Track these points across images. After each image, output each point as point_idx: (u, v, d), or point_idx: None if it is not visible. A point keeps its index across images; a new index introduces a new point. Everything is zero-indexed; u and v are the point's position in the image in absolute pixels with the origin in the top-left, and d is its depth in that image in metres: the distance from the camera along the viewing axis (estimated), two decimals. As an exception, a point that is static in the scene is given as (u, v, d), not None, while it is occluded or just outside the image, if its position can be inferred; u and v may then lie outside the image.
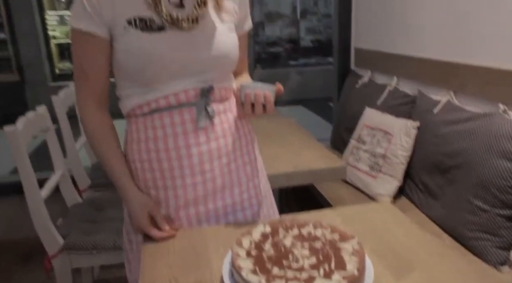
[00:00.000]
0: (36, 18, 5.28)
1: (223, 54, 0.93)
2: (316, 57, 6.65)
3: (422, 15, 1.88)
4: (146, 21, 0.87)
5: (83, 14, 0.87)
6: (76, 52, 0.91)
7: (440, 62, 1.78)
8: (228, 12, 0.97)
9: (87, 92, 0.93)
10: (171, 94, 0.90)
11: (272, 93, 0.90)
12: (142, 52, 0.86)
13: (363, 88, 2.33)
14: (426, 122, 1.76)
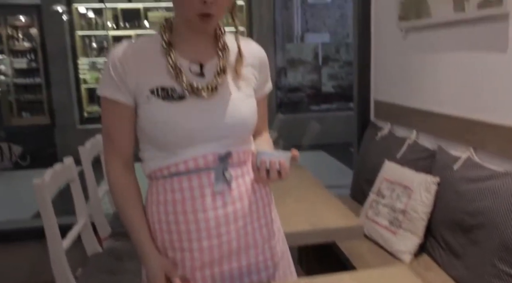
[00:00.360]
0: (69, 64, 5.56)
1: (241, 121, 0.96)
2: (338, 103, 6.71)
3: (439, 71, 1.91)
4: (167, 90, 0.92)
5: (110, 83, 0.93)
6: (103, 116, 0.98)
7: (458, 118, 1.78)
8: (246, 79, 1.01)
9: (113, 153, 0.99)
10: (190, 159, 0.94)
11: (287, 160, 0.93)
12: (162, 120, 0.91)
13: (382, 140, 2.34)
14: (446, 178, 1.74)
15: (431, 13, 1.82)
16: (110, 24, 5.70)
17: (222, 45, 0.99)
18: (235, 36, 1.00)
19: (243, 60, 1.00)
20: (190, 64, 0.95)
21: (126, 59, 0.93)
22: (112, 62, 0.93)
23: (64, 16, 5.37)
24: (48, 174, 1.45)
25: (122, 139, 0.97)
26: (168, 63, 0.93)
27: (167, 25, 0.98)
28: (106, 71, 0.94)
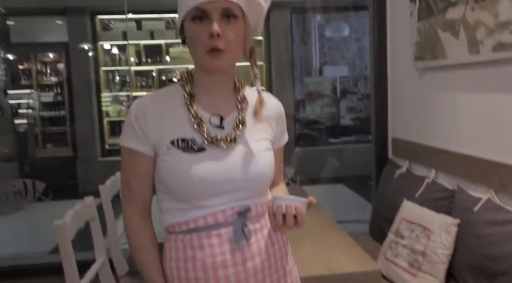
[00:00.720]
0: (93, 97, 5.73)
1: (259, 174, 0.97)
2: (356, 135, 6.69)
3: (457, 111, 1.90)
4: (188, 141, 0.94)
5: (131, 134, 0.96)
6: (123, 165, 1.00)
7: (478, 159, 1.76)
8: (265, 132, 1.03)
9: (131, 201, 1.01)
10: (209, 215, 0.94)
11: (303, 205, 0.93)
12: (182, 171, 0.92)
13: (401, 178, 2.31)
14: (466, 220, 1.71)
15: (446, 54, 1.83)
16: (133, 59, 5.89)
17: (241, 98, 1.01)
18: (255, 82, 1.02)
19: (262, 112, 1.02)
20: (210, 116, 0.97)
21: (147, 111, 0.95)
22: (134, 113, 0.96)
23: (90, 52, 5.58)
24: (69, 214, 1.48)
25: (141, 188, 0.99)
26: (190, 115, 0.95)
27: (188, 76, 1.01)
28: (128, 122, 0.96)
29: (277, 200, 0.94)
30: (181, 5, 0.94)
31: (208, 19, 0.90)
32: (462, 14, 1.68)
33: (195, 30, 0.91)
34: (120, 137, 0.99)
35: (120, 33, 5.77)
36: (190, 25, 0.93)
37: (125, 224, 1.01)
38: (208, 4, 0.89)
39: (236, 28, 0.92)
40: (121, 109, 6.05)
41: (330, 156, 5.94)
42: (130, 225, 1.01)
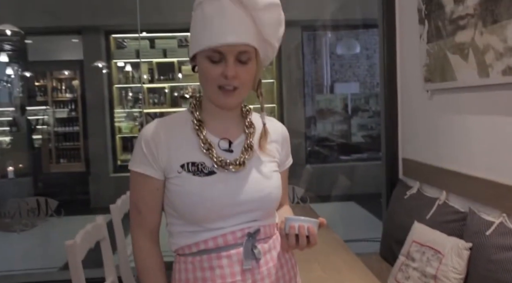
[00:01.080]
0: (106, 114, 5.81)
1: (267, 196, 0.99)
2: (368, 153, 6.65)
3: (468, 133, 1.89)
4: (198, 165, 0.96)
5: (141, 158, 0.98)
6: (132, 188, 1.02)
7: (490, 182, 1.74)
8: (271, 155, 1.05)
9: (139, 224, 1.02)
10: (219, 236, 0.96)
11: (315, 226, 0.94)
12: (192, 194, 0.94)
13: (411, 199, 2.29)
14: (478, 244, 1.68)
15: (456, 76, 1.83)
16: (145, 76, 5.98)
17: (249, 123, 1.04)
18: (261, 115, 1.05)
19: (268, 137, 1.04)
20: (219, 140, 1.00)
21: (158, 136, 0.98)
22: (144, 138, 0.98)
23: (103, 70, 5.69)
24: (80, 235, 1.49)
25: (150, 212, 1.01)
26: (200, 139, 0.97)
27: (197, 103, 1.04)
28: (138, 147, 0.99)
29: (289, 221, 0.95)
30: (196, 38, 0.95)
31: (224, 60, 0.92)
32: (471, 38, 1.69)
33: (210, 68, 0.93)
34: (130, 162, 1.01)
35: (134, 51, 5.89)
36: (204, 62, 0.94)
37: (133, 248, 1.03)
38: (226, 47, 0.91)
39: (249, 68, 0.95)
40: (134, 125, 6.13)
41: (341, 173, 5.92)
42: (138, 248, 1.02)
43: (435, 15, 1.93)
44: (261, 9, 0.92)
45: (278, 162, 1.07)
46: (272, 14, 0.95)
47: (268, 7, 0.93)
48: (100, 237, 1.69)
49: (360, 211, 5.56)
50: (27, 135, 6.18)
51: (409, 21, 2.25)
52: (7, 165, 5.21)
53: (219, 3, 0.92)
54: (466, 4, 1.70)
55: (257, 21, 0.94)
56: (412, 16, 2.14)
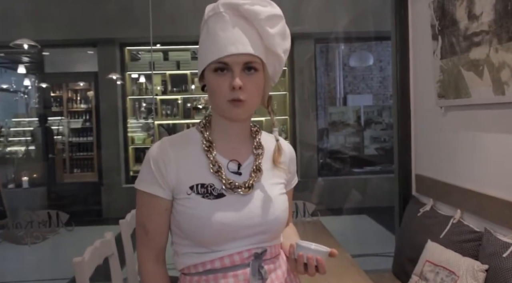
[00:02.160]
0: (119, 124, 5.86)
1: (275, 219, 0.98)
2: (381, 165, 6.58)
3: (484, 151, 1.85)
4: (207, 187, 0.95)
5: (150, 177, 0.96)
6: (139, 208, 1.01)
7: (506, 202, 1.70)
8: (280, 176, 1.04)
9: (146, 244, 1.01)
10: (226, 256, 0.95)
11: (325, 257, 0.92)
12: (201, 217, 0.93)
13: (425, 217, 2.25)
14: (495, 266, 1.63)
15: (470, 93, 1.80)
16: (159, 88, 6.04)
17: (257, 144, 1.03)
18: (273, 131, 1.04)
19: (280, 160, 1.03)
20: (228, 162, 0.99)
21: (167, 155, 0.97)
22: (153, 157, 0.97)
23: (118, 82, 5.77)
24: (88, 251, 1.49)
25: (157, 232, 0.99)
26: (209, 161, 0.97)
27: (206, 122, 1.03)
28: (146, 166, 0.97)
29: (299, 248, 0.93)
30: (202, 55, 0.96)
31: (230, 71, 0.92)
32: (486, 55, 1.66)
33: (217, 81, 0.93)
34: (136, 181, 0.99)
35: (148, 63, 5.95)
36: (211, 76, 0.94)
37: (140, 269, 1.02)
38: (231, 58, 0.91)
39: (256, 79, 0.95)
40: (147, 136, 6.17)
41: (353, 186, 5.86)
42: (144, 270, 1.01)
43: (448, 31, 1.90)
44: (263, 19, 0.93)
45: (285, 184, 1.06)
46: (275, 25, 0.96)
47: (270, 18, 0.94)
48: (108, 253, 1.69)
49: (373, 225, 5.48)
50: (44, 145, 6.26)
51: (422, 37, 2.22)
52: (22, 175, 5.28)
53: (222, 19, 0.93)
54: (480, 20, 1.67)
55: (261, 33, 0.95)
56: (425, 32, 2.12)
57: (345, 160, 6.77)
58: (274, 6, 0.97)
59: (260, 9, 0.93)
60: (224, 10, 0.93)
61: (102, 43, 5.68)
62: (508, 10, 1.52)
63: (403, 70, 2.42)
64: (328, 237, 2.43)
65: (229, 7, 0.93)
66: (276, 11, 0.96)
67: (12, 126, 6.95)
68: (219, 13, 0.93)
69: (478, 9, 1.69)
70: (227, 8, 0.93)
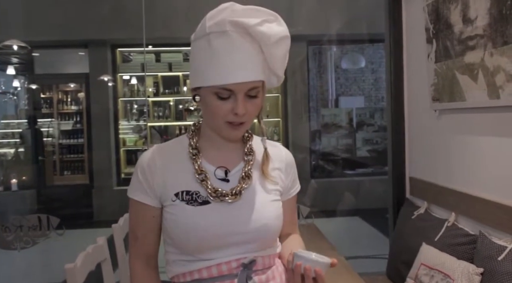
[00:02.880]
0: (110, 126, 5.82)
1: (264, 227, 0.95)
2: (373, 167, 6.60)
3: (478, 154, 1.85)
4: (192, 194, 0.94)
5: (138, 186, 0.97)
6: (131, 215, 1.02)
7: (501, 205, 1.70)
8: (273, 183, 1.01)
9: (137, 251, 1.01)
10: (213, 266, 0.93)
11: (325, 268, 0.88)
12: (185, 224, 0.92)
13: (419, 219, 2.25)
14: (490, 270, 1.63)
15: (465, 97, 1.81)
16: (150, 90, 6.00)
17: (248, 150, 1.01)
18: (262, 140, 1.02)
19: (270, 162, 1.01)
20: (215, 169, 0.97)
21: (154, 163, 0.96)
22: (140, 166, 0.97)
23: (109, 83, 5.71)
24: (80, 257, 1.46)
25: (147, 239, 0.99)
26: (194, 169, 0.95)
27: (195, 129, 1.01)
28: (135, 175, 0.98)
29: (296, 258, 0.89)
30: (201, 72, 0.91)
31: (233, 96, 0.90)
32: (481, 59, 1.66)
33: (218, 105, 0.90)
34: (128, 189, 1.00)
35: (140, 64, 5.92)
36: (211, 98, 0.91)
37: (131, 274, 1.01)
38: (235, 85, 0.88)
39: (257, 103, 0.94)
40: (139, 136, 6.13)
41: (345, 188, 5.87)
42: (134, 274, 1.01)
43: (443, 34, 1.91)
44: (273, 44, 0.90)
45: (281, 191, 1.03)
46: (283, 47, 0.94)
47: (280, 41, 0.92)
48: (101, 259, 1.66)
49: (366, 227, 5.50)
50: (33, 147, 6.18)
51: (416, 40, 2.23)
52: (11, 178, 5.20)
53: (229, 39, 0.88)
54: (475, 25, 1.68)
55: (267, 55, 0.92)
56: (419, 35, 2.12)
57: (337, 162, 6.78)
58: (281, 22, 0.93)
59: (270, 31, 0.89)
60: (231, 29, 0.88)
61: (94, 44, 5.64)
62: (503, 15, 1.53)
63: (397, 73, 2.42)
64: (321, 240, 2.42)
65: (237, 27, 0.88)
66: (285, 32, 0.93)
67: (1, 127, 6.86)
68: (225, 32, 0.88)
69: (472, 13, 1.69)
70: (235, 27, 0.88)
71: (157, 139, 6.06)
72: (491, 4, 1.58)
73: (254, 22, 0.87)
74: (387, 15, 2.44)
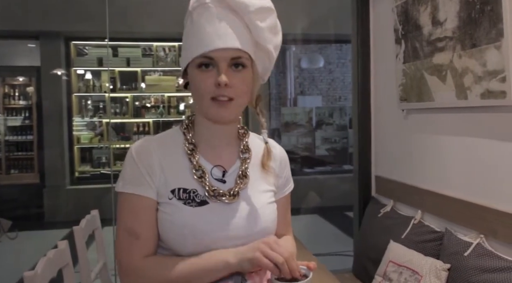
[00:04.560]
0: (63, 123, 5.55)
1: (262, 230, 0.92)
2: (332, 165, 6.73)
3: (444, 153, 1.90)
4: (190, 192, 0.87)
5: (137, 179, 0.88)
6: (124, 213, 0.89)
7: (466, 202, 1.76)
8: (268, 183, 0.98)
9: (137, 251, 0.88)
10: None
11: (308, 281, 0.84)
12: (183, 226, 0.86)
13: (385, 218, 2.29)
14: (457, 265, 1.68)
15: (433, 97, 1.85)
16: (107, 85, 5.78)
17: (244, 147, 0.96)
18: (262, 134, 0.98)
19: (270, 164, 0.97)
20: (212, 167, 0.92)
21: (152, 153, 0.89)
22: (138, 154, 0.89)
23: (63, 77, 5.44)
24: (40, 264, 1.35)
25: (150, 234, 0.88)
26: (192, 165, 0.90)
27: (189, 123, 0.96)
28: (131, 165, 0.89)
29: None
30: (186, 49, 0.89)
31: (216, 67, 0.86)
32: (449, 60, 1.70)
33: (201, 78, 0.86)
34: (120, 184, 0.90)
35: (95, 59, 5.67)
36: (195, 72, 0.88)
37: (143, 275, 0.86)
38: (217, 52, 0.85)
39: (244, 77, 0.88)
40: (94, 133, 5.88)
41: (304, 186, 5.93)
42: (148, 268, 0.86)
43: (412, 35, 1.94)
44: (252, 12, 0.87)
45: (275, 190, 1.00)
46: (266, 18, 0.90)
47: (260, 10, 0.88)
48: (63, 264, 1.55)
49: (325, 224, 5.59)
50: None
51: (384, 40, 2.26)
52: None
53: (208, 11, 0.87)
54: (444, 27, 1.71)
55: (250, 26, 0.89)
56: (388, 36, 2.16)
57: (296, 160, 6.84)
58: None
59: (250, 1, 0.86)
60: (210, 1, 0.86)
61: (45, 36, 5.33)
62: (472, 18, 1.57)
63: (364, 73, 2.45)
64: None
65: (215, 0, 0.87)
66: (267, 3, 0.90)
67: None
68: (204, 4, 0.87)
69: (442, 15, 1.73)
70: (214, 1, 0.87)
71: (113, 136, 5.85)
72: (461, 7, 1.63)
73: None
74: (355, 15, 2.47)
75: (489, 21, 1.48)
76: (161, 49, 5.89)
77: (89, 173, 5.79)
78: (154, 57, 5.85)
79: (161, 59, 5.87)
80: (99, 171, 5.78)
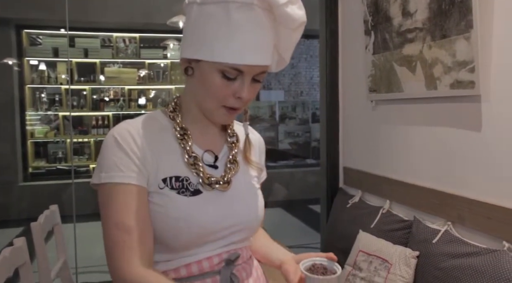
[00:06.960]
0: (16, 116, 5.26)
1: (256, 217, 0.90)
2: (295, 159, 6.78)
3: (412, 143, 1.94)
4: (182, 181, 0.81)
5: (125, 165, 0.79)
6: (113, 207, 0.78)
7: (433, 191, 1.79)
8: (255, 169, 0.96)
9: (132, 248, 0.77)
10: (193, 263, 0.82)
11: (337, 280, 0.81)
12: (178, 218, 0.80)
13: (354, 208, 2.31)
14: (425, 252, 1.71)
15: (402, 88, 1.87)
16: (64, 77, 5.51)
17: (231, 132, 0.93)
18: (244, 125, 0.95)
19: (252, 149, 0.95)
20: (203, 153, 0.87)
21: (138, 138, 0.81)
22: (122, 138, 0.80)
23: (14, 68, 5.13)
24: (-2, 263, 1.25)
25: (145, 227, 0.79)
26: (185, 151, 0.84)
27: (176, 106, 0.89)
28: (114, 152, 0.79)
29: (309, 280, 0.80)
30: (210, 43, 0.78)
31: (240, 79, 0.80)
32: (419, 51, 1.73)
33: (221, 86, 0.79)
34: (102, 175, 0.79)
35: (50, 49, 5.39)
36: (214, 76, 0.79)
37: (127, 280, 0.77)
38: (249, 67, 0.79)
39: (256, 89, 0.85)
40: (49, 127, 5.60)
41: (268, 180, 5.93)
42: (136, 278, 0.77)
43: (382, 27, 1.95)
44: (294, 28, 0.82)
45: (258, 178, 0.98)
46: (299, 34, 0.85)
47: (301, 26, 0.83)
48: (20, 263, 1.44)
49: (289, 218, 5.62)
50: None
51: (354, 32, 2.27)
52: None
53: (254, 14, 0.76)
54: (414, 18, 1.73)
55: (283, 38, 0.84)
56: (357, 27, 2.16)
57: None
58: (301, 5, 0.82)
59: (294, 15, 0.79)
60: (258, 4, 0.76)
61: (-5, 24, 5.01)
62: (442, 9, 1.59)
63: (332, 64, 2.45)
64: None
65: (264, 3, 0.77)
66: (304, 15, 0.82)
67: None
68: (251, 5, 0.76)
69: (412, 6, 1.75)
70: (263, 3, 0.77)
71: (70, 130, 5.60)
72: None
73: (282, 2, 0.76)
74: (323, 6, 2.46)
75: (459, 13, 1.51)
76: (121, 40, 5.69)
77: (44, 169, 5.52)
78: (113, 48, 5.64)
79: (121, 51, 5.67)
80: (55, 167, 5.52)
